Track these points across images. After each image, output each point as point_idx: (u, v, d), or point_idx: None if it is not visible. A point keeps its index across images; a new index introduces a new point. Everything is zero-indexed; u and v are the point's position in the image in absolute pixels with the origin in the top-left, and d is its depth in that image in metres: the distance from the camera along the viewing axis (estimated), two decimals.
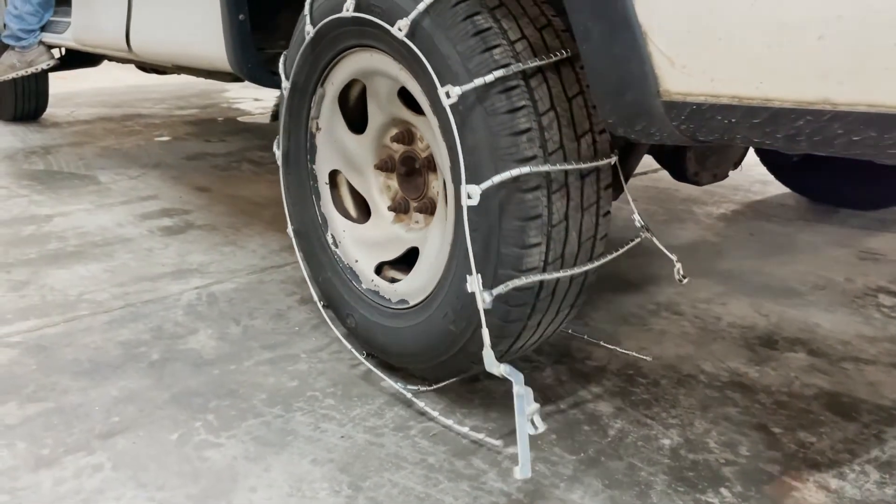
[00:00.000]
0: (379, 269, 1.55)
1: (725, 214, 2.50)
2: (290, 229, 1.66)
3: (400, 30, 1.21)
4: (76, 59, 3.53)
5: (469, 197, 1.15)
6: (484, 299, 1.15)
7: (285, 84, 1.57)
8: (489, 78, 1.12)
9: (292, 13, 1.94)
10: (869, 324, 1.69)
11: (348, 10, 1.31)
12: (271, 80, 1.95)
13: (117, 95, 5.16)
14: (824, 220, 2.41)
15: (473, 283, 1.16)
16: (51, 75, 3.91)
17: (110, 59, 3.19)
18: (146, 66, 3.22)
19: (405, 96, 1.42)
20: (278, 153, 1.65)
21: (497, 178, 1.12)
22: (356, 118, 1.57)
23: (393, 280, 1.51)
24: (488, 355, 1.17)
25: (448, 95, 1.15)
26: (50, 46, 3.31)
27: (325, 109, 1.57)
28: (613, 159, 1.23)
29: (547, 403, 1.38)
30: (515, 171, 1.11)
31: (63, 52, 3.51)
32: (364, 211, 1.62)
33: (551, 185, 1.15)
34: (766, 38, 0.82)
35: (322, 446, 1.26)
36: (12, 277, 1.98)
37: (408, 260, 1.49)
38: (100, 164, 3.21)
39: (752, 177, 2.87)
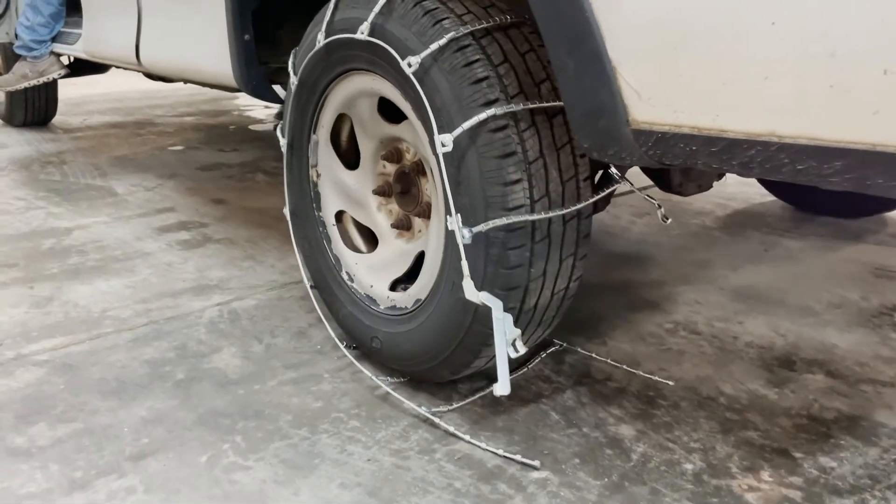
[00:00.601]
0: (393, 286, 1.59)
1: (739, 229, 2.52)
2: (308, 285, 1.72)
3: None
4: (85, 66, 3.56)
5: (444, 145, 1.24)
6: (463, 235, 1.23)
7: (283, 142, 1.67)
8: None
9: (294, 27, 1.98)
10: (886, 344, 1.71)
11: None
12: (274, 96, 1.99)
13: (128, 102, 5.19)
14: (839, 236, 2.42)
15: (453, 222, 1.24)
16: (60, 81, 3.95)
17: (119, 67, 3.22)
18: (153, 75, 3.26)
19: (383, 111, 1.51)
20: (286, 212, 1.73)
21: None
22: (350, 158, 1.65)
23: (405, 289, 1.54)
24: (468, 285, 1.24)
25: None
26: (60, 56, 3.35)
27: (321, 155, 1.65)
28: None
29: (569, 426, 1.39)
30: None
31: (72, 60, 3.54)
32: (370, 240, 1.68)
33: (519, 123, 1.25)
34: (720, 76, 0.90)
35: (349, 469, 1.28)
36: (36, 293, 2.00)
37: (417, 269, 1.53)
38: (115, 175, 3.24)
39: (763, 189, 2.88)
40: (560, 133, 1.27)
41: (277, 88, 2.05)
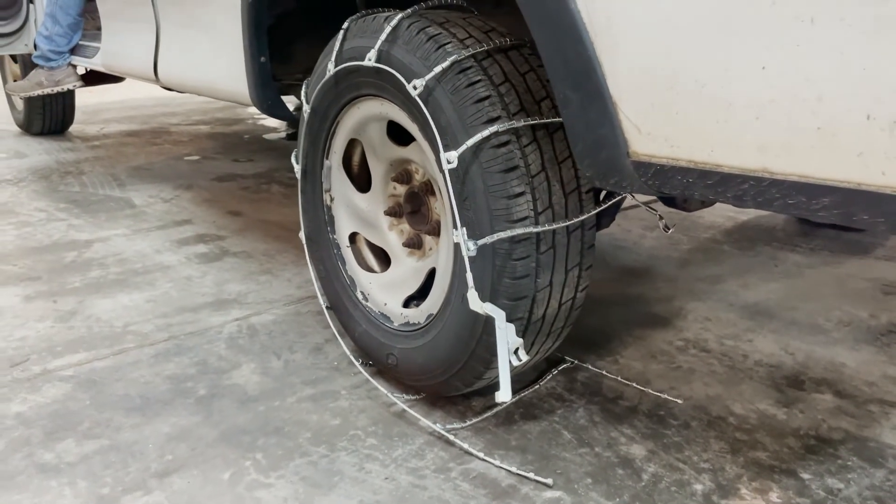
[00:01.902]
0: (406, 303, 1.63)
1: (749, 243, 2.54)
2: (324, 306, 1.77)
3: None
4: (102, 75, 3.61)
5: (449, 162, 1.30)
6: (468, 247, 1.27)
7: (297, 168, 1.72)
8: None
9: (305, 44, 2.04)
10: (894, 364, 1.73)
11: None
12: (288, 115, 2.03)
13: (143, 110, 5.25)
14: (848, 251, 2.44)
15: (458, 235, 1.28)
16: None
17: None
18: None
19: (392, 134, 1.56)
20: (302, 236, 1.78)
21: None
22: (361, 182, 1.70)
23: (418, 305, 1.58)
24: (472, 295, 1.29)
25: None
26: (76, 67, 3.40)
27: (334, 179, 1.70)
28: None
29: (581, 446, 1.43)
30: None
31: (87, 69, 3.60)
32: (383, 260, 1.72)
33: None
34: (713, 115, 0.94)
35: (368, 488, 1.32)
36: (59, 307, 2.05)
37: (429, 286, 1.57)
38: (133, 185, 3.29)
39: None
40: (561, 147, 1.31)
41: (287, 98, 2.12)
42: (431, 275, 1.56)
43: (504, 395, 1.21)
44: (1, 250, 2.48)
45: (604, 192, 1.52)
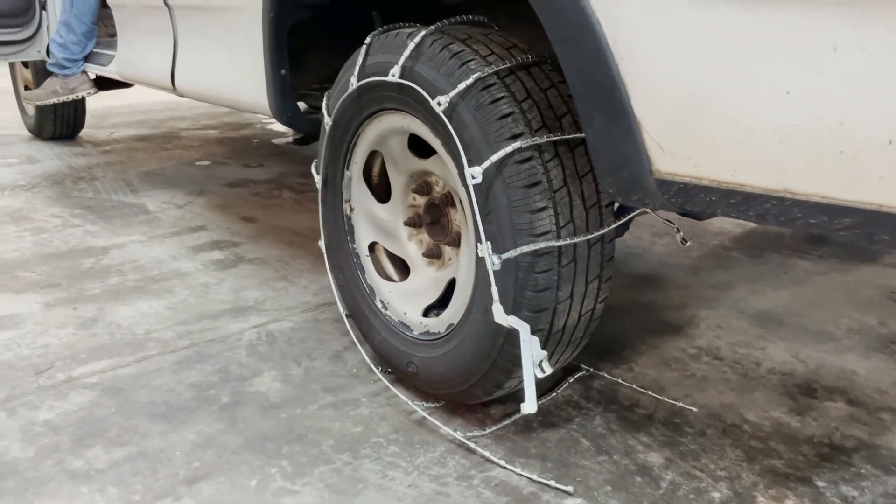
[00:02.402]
0: (425, 312, 1.66)
1: (758, 250, 2.57)
2: (343, 314, 1.80)
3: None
4: (111, 80, 3.63)
5: (474, 177, 1.34)
6: (493, 261, 1.30)
7: (318, 179, 1.76)
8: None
9: (321, 53, 2.06)
10: None
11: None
12: (308, 126, 2.06)
13: (152, 114, 5.29)
14: (856, 257, 2.47)
15: (483, 249, 1.31)
16: None
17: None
18: None
19: (412, 147, 1.59)
20: (321, 244, 1.81)
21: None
22: (381, 192, 1.73)
23: (438, 314, 1.61)
24: (497, 309, 1.31)
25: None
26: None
27: (354, 190, 1.73)
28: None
29: (600, 453, 1.46)
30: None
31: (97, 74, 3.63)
32: (402, 270, 1.75)
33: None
34: (737, 137, 0.97)
35: (392, 495, 1.35)
36: (80, 314, 2.08)
37: (448, 295, 1.60)
38: (146, 191, 3.33)
39: None
40: (582, 163, 1.34)
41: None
42: (451, 285, 1.59)
43: (530, 406, 1.24)
44: (19, 257, 2.51)
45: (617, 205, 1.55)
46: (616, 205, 1.46)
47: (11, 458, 1.46)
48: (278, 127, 4.86)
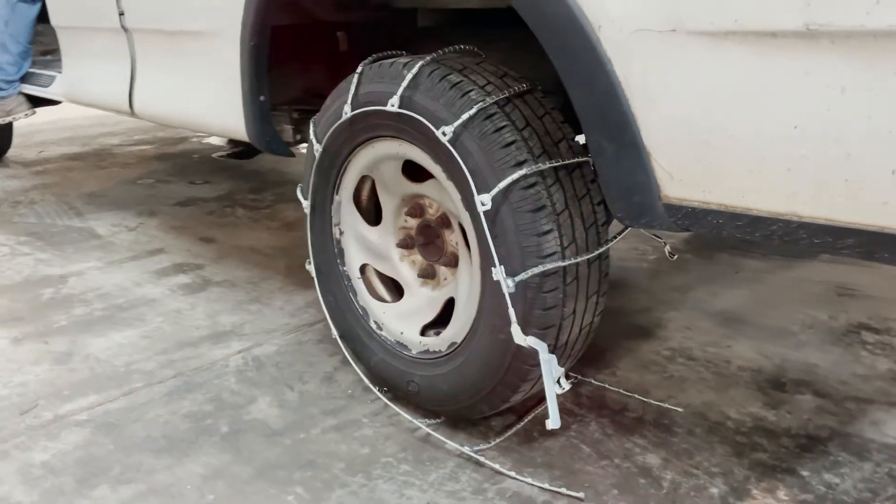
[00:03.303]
0: (423, 332, 1.70)
1: (707, 251, 2.72)
2: (335, 335, 1.81)
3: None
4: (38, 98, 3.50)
5: (483, 204, 1.32)
6: (507, 284, 1.35)
7: (305, 204, 1.77)
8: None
9: (282, 73, 2.07)
10: (859, 362, 1.91)
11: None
12: (286, 151, 2.07)
13: (80, 130, 5.11)
14: (798, 254, 2.65)
15: (497, 273, 1.36)
16: None
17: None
18: None
19: (406, 171, 1.63)
20: (310, 268, 1.83)
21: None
22: (371, 215, 1.77)
23: (437, 333, 1.66)
24: (515, 330, 1.37)
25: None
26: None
27: (343, 214, 1.76)
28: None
29: (601, 458, 1.54)
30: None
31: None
32: (393, 289, 1.79)
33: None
34: (747, 166, 1.06)
35: None
36: (52, 348, 2.03)
37: (445, 313, 1.65)
38: (92, 214, 3.24)
39: None
40: (579, 185, 1.41)
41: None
42: (448, 303, 1.64)
43: (554, 422, 1.31)
44: None
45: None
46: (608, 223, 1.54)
47: (16, 502, 1.43)
48: (216, 141, 4.78)
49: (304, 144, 2.40)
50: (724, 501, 1.41)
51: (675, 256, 1.58)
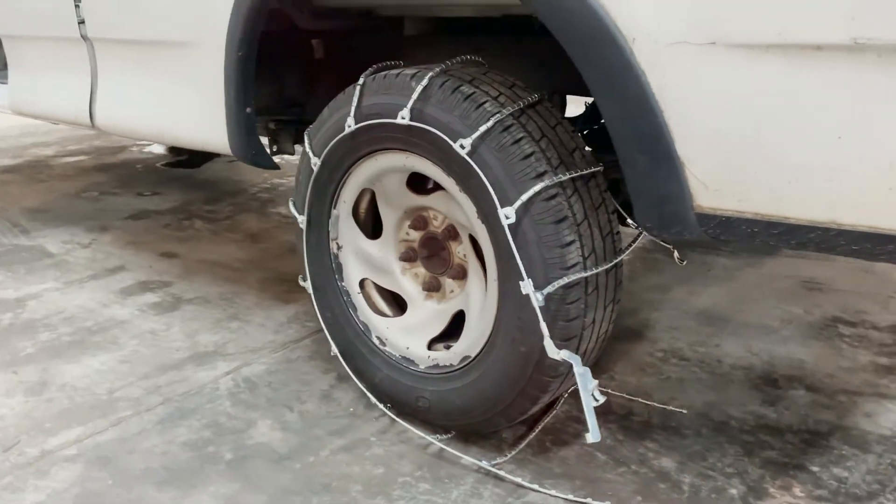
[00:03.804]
0: (430, 345, 1.68)
1: (679, 251, 2.77)
2: (334, 351, 1.77)
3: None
4: None
5: (507, 217, 1.32)
6: (537, 298, 1.34)
7: (300, 219, 1.73)
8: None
9: (263, 80, 2.00)
10: (841, 355, 1.99)
11: None
12: (273, 164, 2.01)
13: (8, 140, 4.85)
14: (762, 250, 2.73)
15: (527, 286, 1.34)
16: None
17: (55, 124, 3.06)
18: None
19: (411, 184, 1.60)
20: (305, 284, 1.78)
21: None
22: (369, 229, 1.74)
23: (447, 346, 1.64)
24: (549, 344, 1.35)
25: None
26: None
27: (342, 228, 1.72)
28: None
29: (618, 465, 1.54)
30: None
31: None
32: (396, 303, 1.76)
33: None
34: (786, 177, 1.08)
35: None
36: (24, 378, 1.91)
37: (453, 325, 1.63)
38: (38, 231, 3.07)
39: None
40: (595, 195, 1.42)
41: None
42: (457, 316, 1.62)
43: (594, 435, 1.30)
44: None
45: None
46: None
47: None
48: (157, 149, 4.61)
49: (283, 155, 2.34)
50: (745, 502, 1.43)
51: (685, 262, 1.60)
